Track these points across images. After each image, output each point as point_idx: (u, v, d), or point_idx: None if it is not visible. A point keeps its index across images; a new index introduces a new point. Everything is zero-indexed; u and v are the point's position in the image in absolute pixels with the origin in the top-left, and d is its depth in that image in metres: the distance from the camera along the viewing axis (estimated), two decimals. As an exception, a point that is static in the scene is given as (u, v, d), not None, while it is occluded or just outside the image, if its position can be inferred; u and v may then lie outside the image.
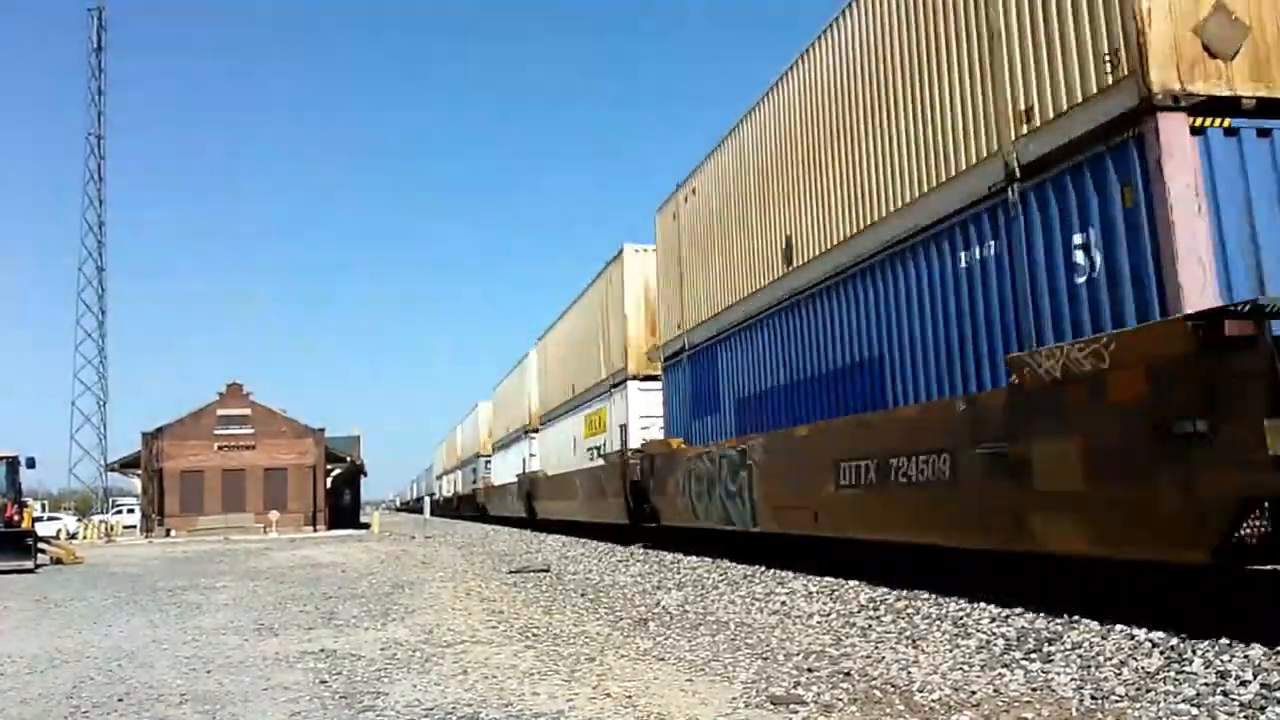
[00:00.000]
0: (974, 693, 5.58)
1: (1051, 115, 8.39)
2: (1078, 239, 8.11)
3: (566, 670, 6.78)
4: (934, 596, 9.32)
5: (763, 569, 13.34)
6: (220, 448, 47.58)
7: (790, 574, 12.43)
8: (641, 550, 19.44)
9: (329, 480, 50.25)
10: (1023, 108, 8.79)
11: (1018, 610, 8.11)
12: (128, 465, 49.59)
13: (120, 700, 6.40)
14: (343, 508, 58.61)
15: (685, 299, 18.87)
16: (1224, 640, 6.21)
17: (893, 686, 5.84)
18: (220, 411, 48.10)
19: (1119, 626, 7.00)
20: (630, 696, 5.83)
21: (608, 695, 5.89)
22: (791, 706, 5.41)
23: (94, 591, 15.36)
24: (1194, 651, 6.07)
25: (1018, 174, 8.79)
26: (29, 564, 21.09)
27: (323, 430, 49.83)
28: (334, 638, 8.92)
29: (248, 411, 48.43)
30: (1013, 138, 8.89)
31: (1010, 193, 8.86)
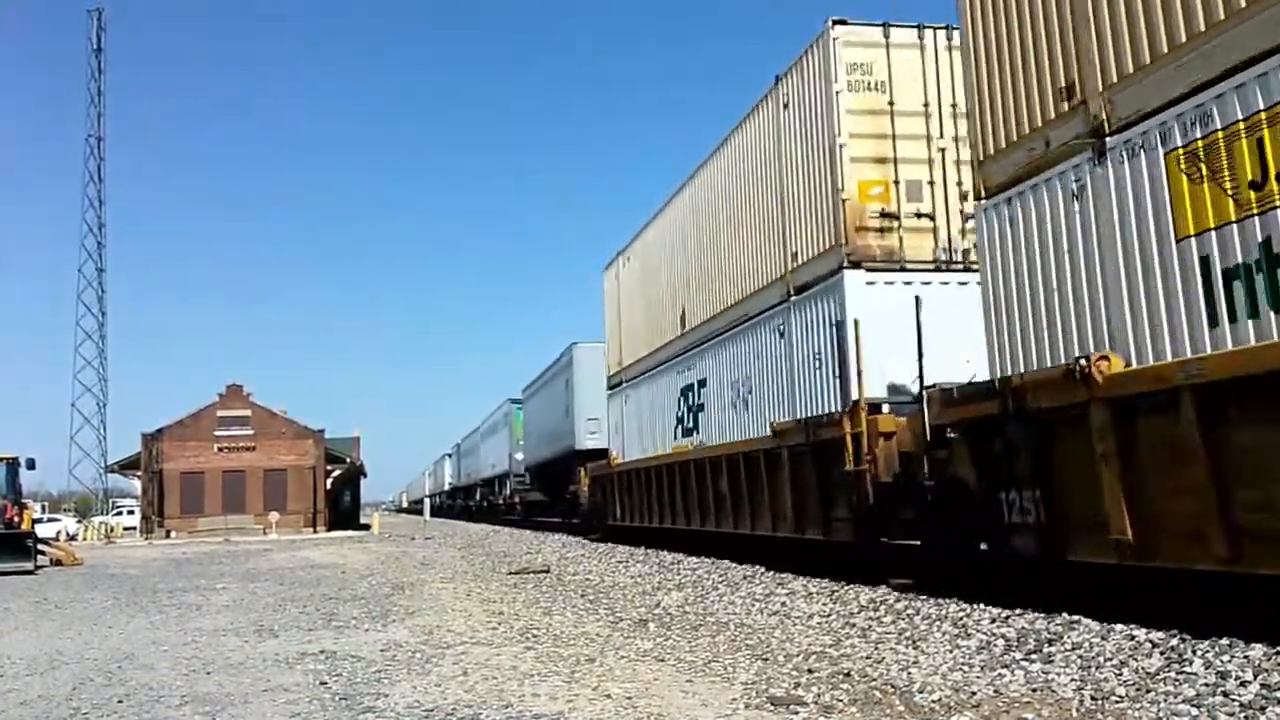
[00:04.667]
0: (974, 693, 5.58)
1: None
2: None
3: (567, 671, 6.78)
4: (934, 597, 9.32)
5: (763, 570, 13.35)
6: (220, 449, 47.54)
7: (790, 575, 12.44)
8: (642, 551, 19.46)
9: (329, 481, 50.22)
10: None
11: (1018, 611, 8.11)
12: (128, 466, 49.57)
13: (120, 701, 6.40)
14: (343, 509, 58.60)
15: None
16: (1224, 640, 6.21)
17: (893, 687, 5.84)
18: (220, 412, 48.07)
19: (1119, 627, 7.00)
20: (630, 698, 5.83)
21: (608, 696, 5.89)
22: (791, 707, 5.40)
23: (94, 593, 15.35)
24: (1194, 652, 6.07)
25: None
26: (29, 565, 21.07)
27: (322, 431, 49.81)
28: (334, 639, 8.92)
29: (248, 412, 48.39)
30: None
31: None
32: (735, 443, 15.65)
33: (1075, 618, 7.49)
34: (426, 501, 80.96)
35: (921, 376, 10.86)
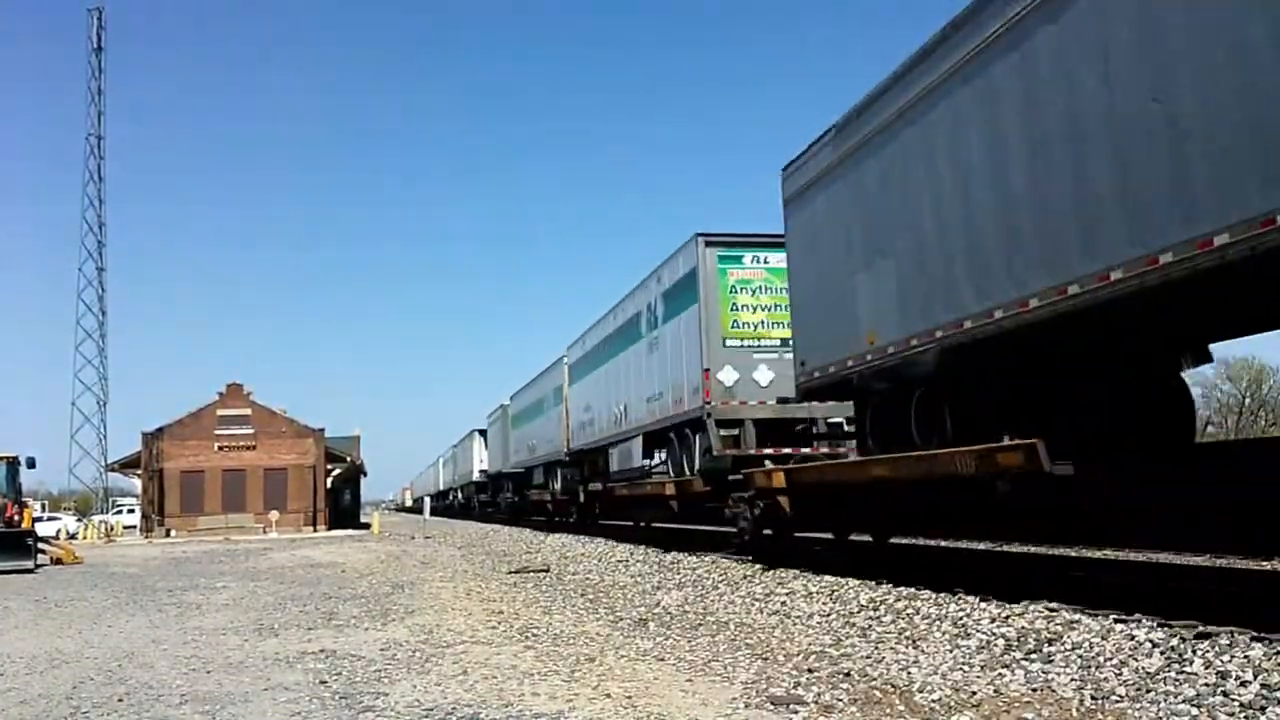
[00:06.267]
0: (974, 693, 5.58)
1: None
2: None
3: (567, 670, 6.78)
4: (934, 596, 9.32)
5: (762, 569, 13.34)
6: (220, 448, 47.54)
7: (790, 574, 12.43)
8: (642, 550, 19.46)
9: (329, 480, 50.23)
10: None
11: (1018, 610, 8.11)
12: (128, 465, 49.59)
13: (120, 700, 6.40)
14: (343, 508, 58.62)
15: None
16: (1224, 640, 6.21)
17: (893, 687, 5.84)
18: (220, 411, 48.07)
19: (1119, 626, 7.00)
20: (630, 697, 5.83)
21: (608, 696, 5.89)
22: (791, 707, 5.41)
23: (94, 592, 15.35)
24: (1194, 651, 6.07)
25: None
26: (29, 564, 21.07)
27: (323, 430, 49.80)
28: (334, 638, 8.92)
29: (248, 411, 48.39)
30: None
31: None
32: None
33: (1075, 618, 7.49)
34: (426, 500, 79.59)
35: None
